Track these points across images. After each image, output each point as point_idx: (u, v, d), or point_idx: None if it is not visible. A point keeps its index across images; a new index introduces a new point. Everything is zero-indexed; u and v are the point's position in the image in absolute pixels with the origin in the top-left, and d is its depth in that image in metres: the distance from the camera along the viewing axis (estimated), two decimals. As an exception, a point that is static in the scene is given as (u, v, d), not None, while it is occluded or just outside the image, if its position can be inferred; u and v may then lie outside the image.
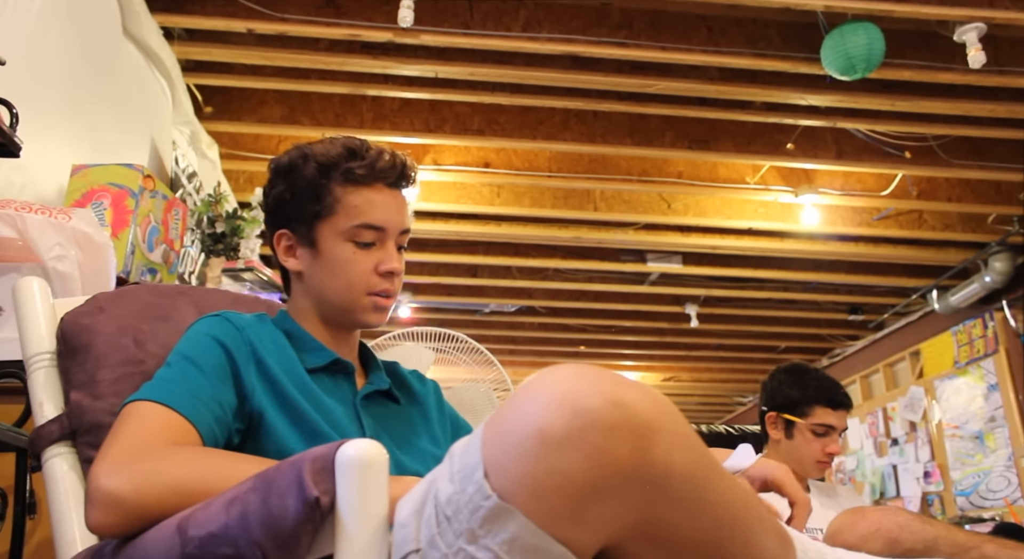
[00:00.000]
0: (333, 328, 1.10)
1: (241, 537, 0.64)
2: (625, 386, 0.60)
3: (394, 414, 1.11)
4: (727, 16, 3.07)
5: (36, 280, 1.04)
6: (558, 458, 0.57)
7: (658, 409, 0.61)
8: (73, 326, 1.00)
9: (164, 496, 0.75)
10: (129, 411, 0.86)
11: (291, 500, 0.62)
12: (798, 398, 2.00)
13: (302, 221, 1.08)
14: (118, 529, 0.75)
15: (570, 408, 0.58)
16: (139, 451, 0.80)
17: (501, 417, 0.61)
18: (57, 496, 0.91)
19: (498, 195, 4.22)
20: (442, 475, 0.63)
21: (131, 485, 0.75)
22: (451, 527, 0.60)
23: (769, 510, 0.83)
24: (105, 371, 0.97)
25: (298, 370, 1.01)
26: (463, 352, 2.65)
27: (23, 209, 1.52)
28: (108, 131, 2.54)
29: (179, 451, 0.82)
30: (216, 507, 0.68)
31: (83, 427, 0.94)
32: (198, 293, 1.18)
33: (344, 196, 1.06)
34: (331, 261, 1.06)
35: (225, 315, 1.02)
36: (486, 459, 0.59)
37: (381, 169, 1.07)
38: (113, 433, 0.83)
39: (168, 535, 0.69)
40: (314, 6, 2.91)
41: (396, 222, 1.08)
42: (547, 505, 0.57)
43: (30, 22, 2.00)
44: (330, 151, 1.07)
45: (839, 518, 1.24)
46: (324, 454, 0.64)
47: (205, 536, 0.66)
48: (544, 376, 0.62)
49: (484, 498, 0.58)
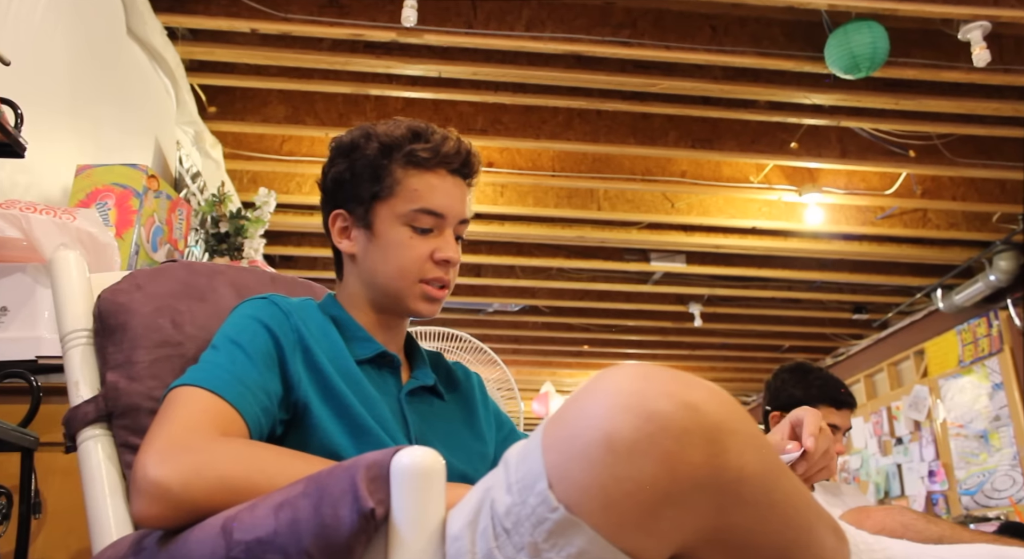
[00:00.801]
0: (382, 316, 1.07)
1: (291, 545, 0.61)
2: (693, 386, 0.58)
3: (439, 411, 1.08)
4: (731, 15, 3.07)
5: (72, 253, 1.02)
6: (628, 465, 0.54)
7: (728, 410, 0.58)
8: (110, 305, 0.97)
9: (212, 490, 0.72)
10: (175, 396, 0.83)
11: (345, 510, 0.60)
12: (801, 397, 1.99)
13: (359, 202, 1.04)
14: (164, 521, 0.72)
15: (639, 411, 0.55)
16: (187, 441, 0.77)
17: (562, 421, 0.58)
18: (92, 481, 0.89)
19: (501, 194, 4.22)
20: (498, 484, 0.60)
21: (179, 477, 0.72)
22: (511, 540, 0.57)
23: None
24: (142, 352, 0.95)
25: (345, 360, 0.98)
26: (467, 351, 2.66)
27: (28, 209, 1.52)
28: (112, 131, 2.55)
29: (227, 444, 0.79)
30: (264, 510, 0.65)
31: (119, 409, 0.92)
32: (235, 272, 1.14)
33: (405, 178, 1.03)
34: (386, 244, 1.02)
35: (272, 298, 0.99)
36: (548, 467, 0.56)
37: (445, 154, 1.04)
38: (160, 419, 0.81)
39: (212, 535, 0.67)
40: (317, 6, 2.91)
41: (456, 210, 1.04)
42: (616, 516, 0.54)
43: (34, 22, 2.01)
44: (394, 132, 1.05)
45: (843, 517, 1.24)
46: (379, 461, 0.61)
47: (252, 541, 0.63)
48: (607, 376, 0.59)
49: (550, 510, 0.55)
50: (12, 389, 1.38)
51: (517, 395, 2.91)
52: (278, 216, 3.77)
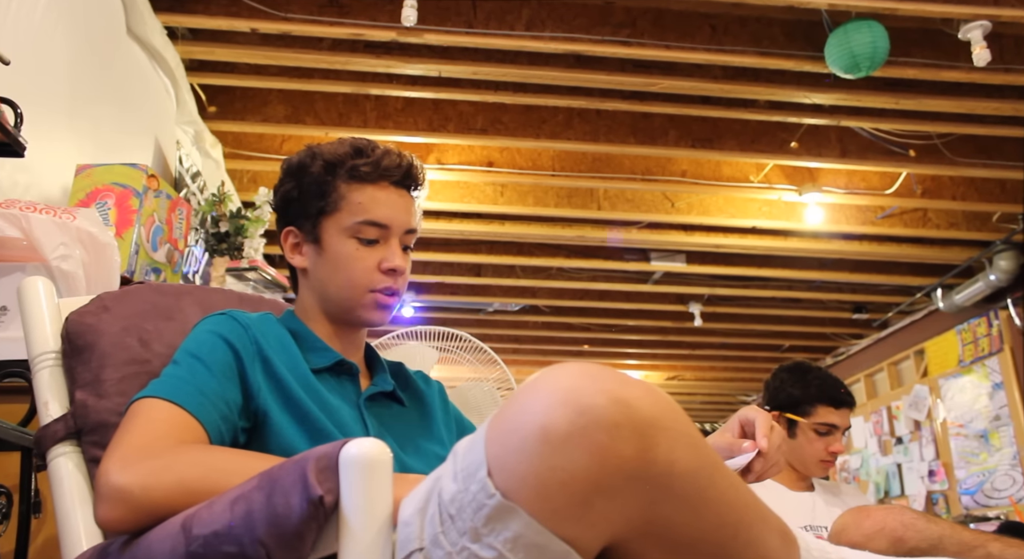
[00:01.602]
0: (338, 327, 1.10)
1: (245, 535, 0.64)
2: (628, 384, 0.60)
3: (398, 415, 1.11)
4: (730, 15, 3.07)
5: (41, 280, 1.05)
6: (561, 456, 0.57)
7: (661, 407, 0.61)
8: (78, 326, 1.00)
9: (171, 493, 0.75)
10: (137, 408, 0.87)
11: (295, 499, 0.63)
12: (800, 397, 1.99)
13: (308, 218, 1.09)
14: (126, 525, 0.75)
15: (573, 406, 0.58)
16: (147, 448, 0.80)
17: (504, 415, 0.61)
18: (62, 495, 0.91)
19: (501, 194, 4.22)
20: (446, 473, 0.63)
21: (139, 481, 0.76)
22: (455, 525, 0.59)
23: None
24: (110, 370, 0.97)
25: (303, 369, 1.01)
26: (467, 351, 2.65)
27: (28, 209, 1.52)
28: (112, 131, 2.55)
29: (186, 449, 0.83)
30: (220, 505, 0.68)
31: (88, 426, 0.94)
32: (202, 292, 1.18)
33: (349, 193, 1.07)
34: (334, 257, 1.07)
35: (231, 313, 1.03)
36: (489, 457, 0.59)
37: (386, 167, 1.08)
38: (121, 430, 0.84)
39: (173, 533, 0.69)
40: (317, 5, 2.91)
41: (400, 220, 1.08)
42: (550, 503, 0.57)
43: (34, 22, 2.01)
44: (338, 150, 1.09)
45: (843, 517, 1.24)
46: (328, 453, 0.64)
47: (209, 534, 0.66)
48: (547, 374, 0.62)
49: (487, 496, 0.58)
50: (12, 389, 1.38)
51: (517, 395, 2.90)
52: (278, 216, 3.76)
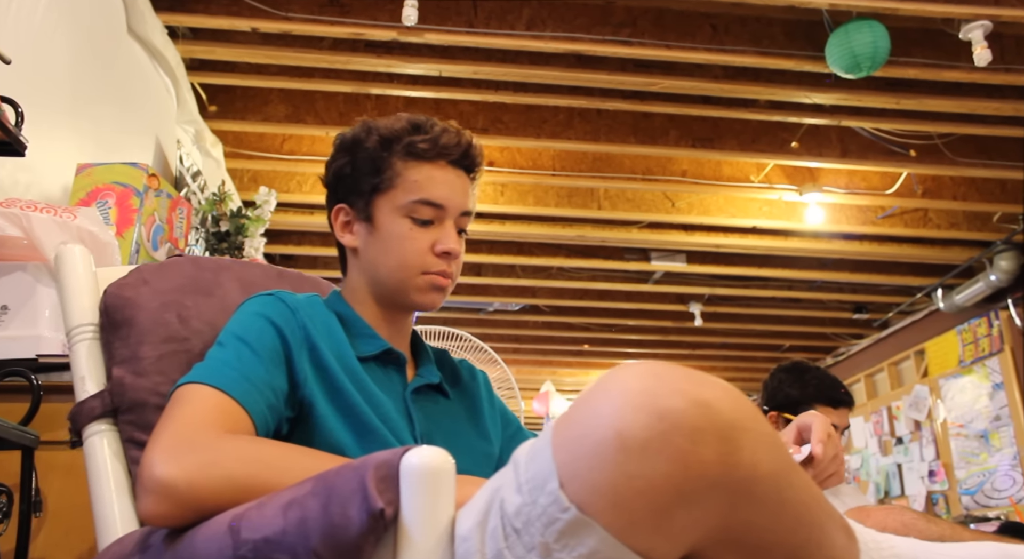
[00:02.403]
0: (387, 310, 1.06)
1: (299, 545, 0.61)
2: (706, 384, 0.57)
3: (444, 409, 1.07)
4: (731, 14, 3.07)
5: (79, 248, 1.00)
6: (640, 464, 0.53)
7: (741, 407, 0.57)
8: (117, 299, 0.97)
9: (218, 489, 0.72)
10: (182, 394, 0.83)
11: (354, 510, 0.59)
12: (798, 397, 1.99)
13: (360, 195, 1.05)
14: (170, 520, 0.72)
15: (650, 409, 0.54)
16: (193, 439, 0.77)
17: (572, 420, 0.57)
18: (98, 476, 0.88)
19: (502, 194, 4.22)
20: (507, 484, 0.59)
21: (185, 476, 0.72)
22: (521, 541, 0.56)
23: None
24: (148, 348, 0.94)
25: (350, 357, 0.97)
26: (467, 350, 2.66)
27: (28, 208, 1.52)
28: (113, 130, 2.55)
29: (233, 441, 0.78)
30: (272, 509, 0.65)
31: (125, 405, 0.91)
32: (241, 268, 1.14)
33: (405, 170, 1.03)
34: (387, 237, 1.02)
35: (279, 295, 0.98)
36: (559, 466, 0.55)
37: (444, 145, 1.04)
38: (166, 417, 0.80)
39: (219, 534, 0.66)
40: (318, 5, 2.91)
41: (457, 202, 1.04)
42: (628, 515, 0.54)
43: (35, 21, 2.01)
44: (394, 125, 1.05)
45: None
46: (388, 461, 0.61)
47: (260, 540, 0.63)
48: (617, 374, 0.58)
49: (561, 510, 0.54)
50: (12, 388, 1.38)
51: (517, 394, 2.91)
52: (278, 215, 3.76)
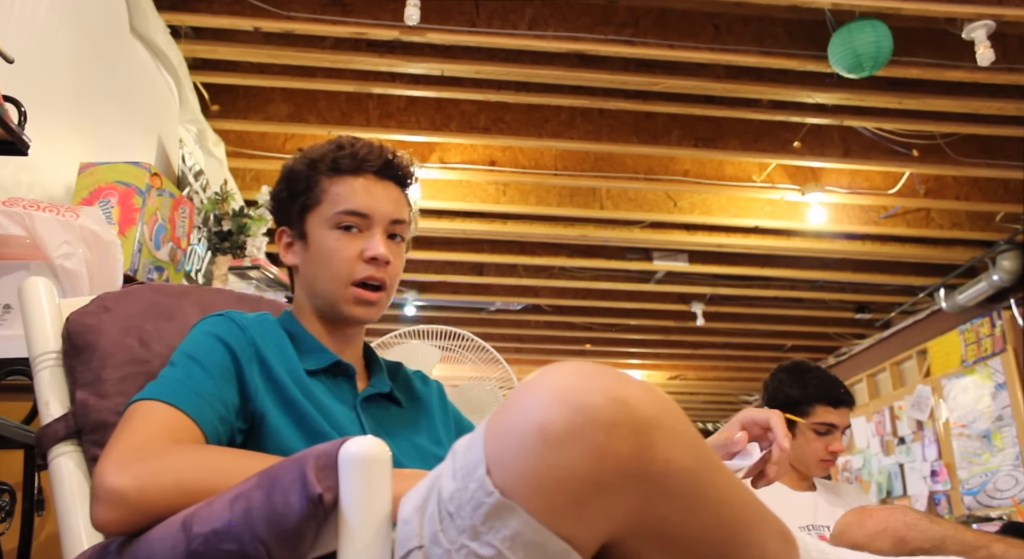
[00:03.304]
0: (329, 325, 1.11)
1: (245, 533, 0.64)
2: (626, 383, 0.61)
3: (396, 416, 1.11)
4: (734, 14, 3.06)
5: (42, 280, 1.05)
6: (559, 454, 0.57)
7: (659, 406, 0.61)
8: (78, 326, 1.01)
9: (168, 493, 0.75)
10: (133, 410, 0.87)
11: (294, 497, 0.63)
12: (799, 397, 1.99)
13: (295, 216, 1.11)
14: (123, 527, 0.75)
15: (571, 405, 0.58)
16: (143, 449, 0.80)
17: (502, 414, 0.61)
18: (63, 494, 0.92)
19: (504, 193, 4.22)
20: (445, 472, 0.63)
21: (135, 483, 0.75)
22: (454, 523, 0.60)
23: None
24: (110, 370, 0.98)
25: (299, 371, 1.01)
26: (469, 350, 2.65)
27: (31, 207, 1.53)
28: (115, 129, 2.55)
29: (183, 449, 0.83)
30: (220, 504, 0.68)
31: (88, 426, 0.94)
32: (202, 293, 1.19)
33: (330, 186, 1.09)
34: (318, 250, 1.08)
35: (228, 314, 1.03)
36: (488, 455, 0.59)
37: (364, 157, 1.09)
38: (118, 432, 0.84)
39: (173, 532, 0.70)
40: (320, 4, 2.91)
41: (382, 210, 1.08)
42: (548, 501, 0.57)
43: (38, 20, 2.01)
44: (322, 148, 1.11)
45: (846, 517, 1.24)
46: (327, 451, 0.65)
47: (209, 532, 0.66)
48: (545, 373, 0.62)
49: (486, 494, 0.58)
50: (15, 386, 1.38)
51: (519, 394, 2.90)
52: (281, 214, 3.76)
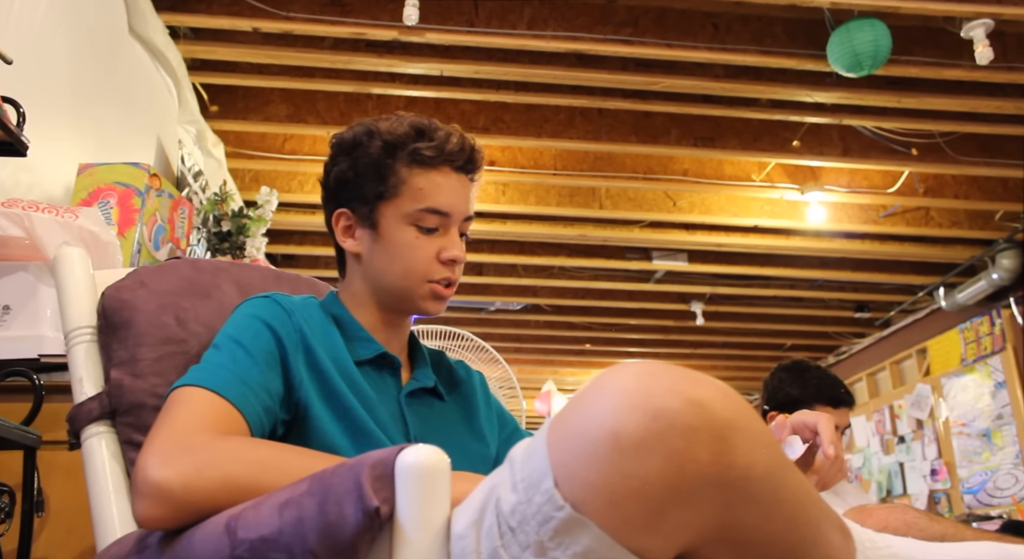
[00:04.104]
0: (387, 315, 1.06)
1: (296, 544, 0.61)
2: (701, 383, 0.57)
3: (439, 412, 1.07)
4: (732, 13, 3.06)
5: (76, 250, 1.01)
6: (635, 463, 0.53)
7: (736, 407, 0.57)
8: (114, 301, 0.97)
9: (214, 490, 0.72)
10: (177, 397, 0.83)
11: (350, 508, 0.59)
12: (798, 396, 1.98)
13: (364, 201, 1.03)
14: (166, 523, 0.72)
15: (646, 409, 0.54)
16: (188, 441, 0.77)
17: (568, 419, 0.58)
18: (96, 478, 0.89)
19: (503, 193, 4.22)
20: (503, 482, 0.60)
21: (180, 478, 0.72)
22: (516, 539, 0.56)
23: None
24: (146, 349, 0.95)
25: (345, 360, 0.97)
26: (468, 350, 2.65)
27: (30, 208, 1.53)
28: (114, 130, 2.55)
29: (229, 443, 0.78)
30: (268, 508, 0.65)
31: (123, 407, 0.91)
32: (239, 269, 1.14)
33: (410, 178, 1.01)
34: (392, 244, 1.02)
35: (275, 297, 0.98)
36: (554, 465, 0.56)
37: (450, 152, 1.02)
38: (161, 420, 0.80)
39: (216, 534, 0.67)
40: (319, 5, 2.91)
41: (461, 208, 1.04)
42: (623, 514, 0.54)
43: (36, 21, 2.01)
44: (397, 129, 1.03)
45: (845, 516, 1.23)
46: (383, 459, 0.61)
47: (256, 539, 0.63)
48: (611, 374, 0.58)
49: (556, 509, 0.55)
50: (15, 388, 1.38)
51: (519, 394, 2.91)
52: (280, 215, 3.77)
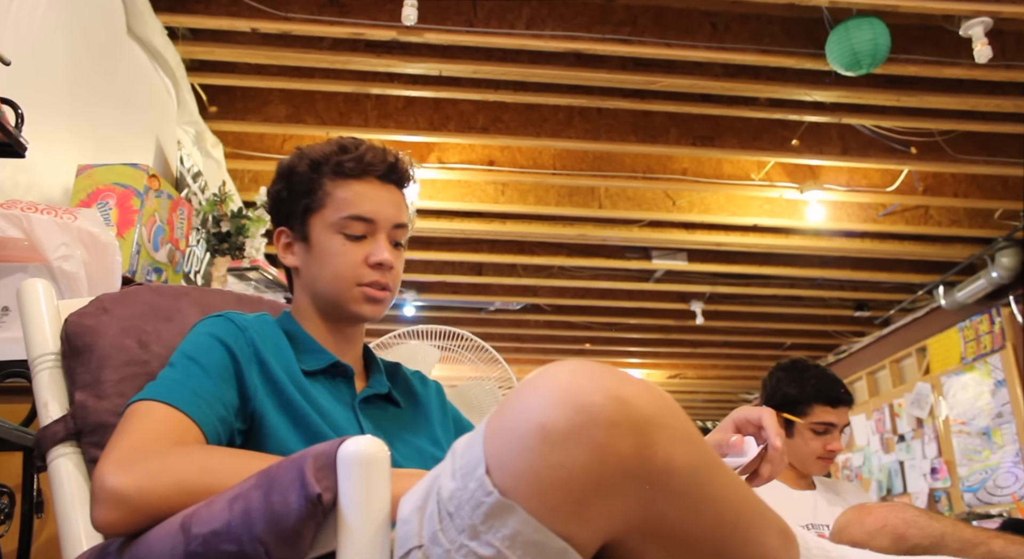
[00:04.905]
0: (331, 325, 1.10)
1: (244, 534, 0.64)
2: (626, 382, 0.60)
3: (394, 417, 1.11)
4: (731, 12, 3.06)
5: (40, 282, 1.05)
6: (560, 454, 0.57)
7: (659, 405, 0.61)
8: (77, 327, 1.01)
9: (168, 494, 0.75)
10: (133, 411, 0.87)
11: (293, 497, 0.63)
12: (797, 396, 1.98)
13: (296, 217, 1.10)
14: (123, 527, 0.75)
15: (571, 404, 0.58)
16: (143, 450, 0.80)
17: (502, 413, 0.61)
18: (62, 496, 0.92)
19: (502, 193, 4.22)
20: (444, 471, 0.63)
21: (136, 483, 0.75)
22: (453, 523, 0.60)
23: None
24: (109, 372, 0.98)
25: (297, 372, 1.01)
26: (468, 350, 2.65)
27: (29, 209, 1.52)
28: (113, 131, 2.55)
29: (183, 449, 0.82)
30: (219, 504, 0.68)
31: (88, 427, 0.94)
32: (201, 294, 1.18)
33: (334, 189, 1.08)
34: (322, 253, 1.07)
35: (227, 315, 1.03)
36: (488, 455, 0.59)
37: (369, 162, 1.09)
38: (117, 433, 0.84)
39: (172, 532, 0.69)
40: (317, 5, 2.91)
41: (386, 215, 1.08)
42: (549, 500, 0.57)
43: (35, 22, 2.01)
44: (324, 149, 1.10)
45: (845, 514, 1.24)
46: (326, 451, 0.64)
47: (208, 533, 0.66)
48: (545, 372, 0.62)
49: (486, 494, 0.58)
50: (14, 389, 1.38)
51: (519, 393, 2.90)
52: (279, 215, 3.77)
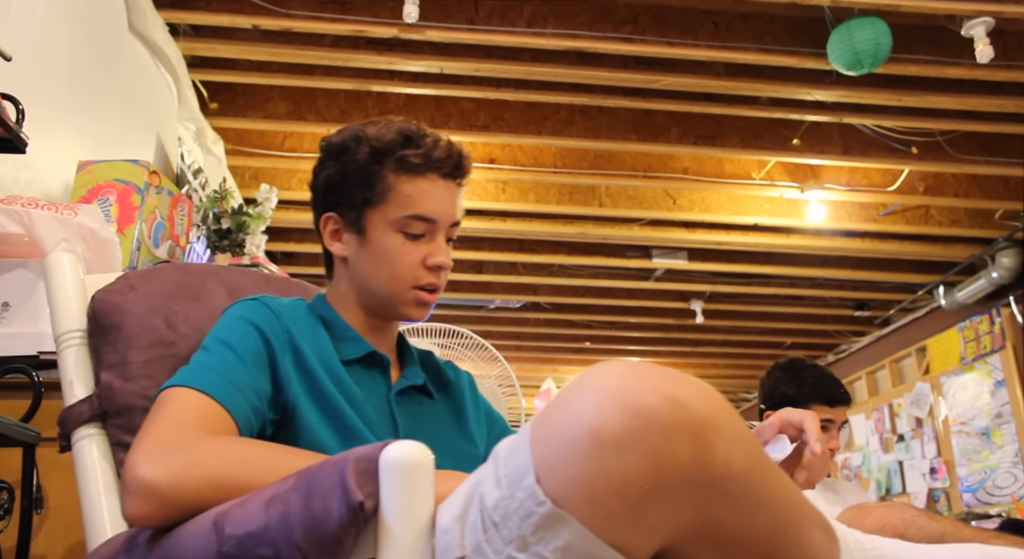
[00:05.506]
0: (373, 318, 1.07)
1: (281, 539, 0.62)
2: (681, 382, 0.58)
3: (428, 410, 1.08)
4: (733, 11, 3.06)
5: (67, 255, 1.02)
6: (614, 459, 0.54)
7: (715, 405, 0.58)
8: (104, 305, 0.98)
9: (202, 488, 0.73)
10: (165, 397, 0.84)
11: (334, 503, 0.60)
12: (795, 395, 1.98)
13: (351, 206, 1.04)
14: (154, 521, 0.73)
15: (625, 407, 0.55)
16: (176, 440, 0.78)
17: (550, 417, 0.58)
18: (87, 479, 0.90)
19: (503, 191, 4.22)
20: (487, 478, 0.60)
21: (168, 476, 0.73)
22: (499, 534, 0.57)
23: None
24: (136, 352, 0.95)
25: (333, 361, 0.98)
26: (468, 348, 2.66)
27: (29, 205, 1.52)
28: (114, 127, 2.55)
29: (217, 441, 0.80)
30: (255, 505, 0.66)
31: (113, 409, 0.92)
32: (228, 273, 1.15)
33: (397, 184, 1.02)
34: (378, 250, 1.03)
35: (263, 299, 0.99)
36: (536, 462, 0.57)
37: (437, 159, 1.03)
38: (149, 420, 0.81)
39: (204, 531, 0.67)
40: (319, 2, 2.91)
41: (447, 214, 1.05)
42: (602, 509, 0.55)
43: (36, 18, 2.01)
44: (385, 135, 1.04)
45: (844, 514, 1.24)
46: (368, 455, 0.62)
47: (243, 535, 0.64)
48: (594, 372, 0.59)
49: (537, 504, 0.55)
50: (14, 384, 1.39)
51: (519, 392, 2.91)
52: (280, 212, 3.76)
